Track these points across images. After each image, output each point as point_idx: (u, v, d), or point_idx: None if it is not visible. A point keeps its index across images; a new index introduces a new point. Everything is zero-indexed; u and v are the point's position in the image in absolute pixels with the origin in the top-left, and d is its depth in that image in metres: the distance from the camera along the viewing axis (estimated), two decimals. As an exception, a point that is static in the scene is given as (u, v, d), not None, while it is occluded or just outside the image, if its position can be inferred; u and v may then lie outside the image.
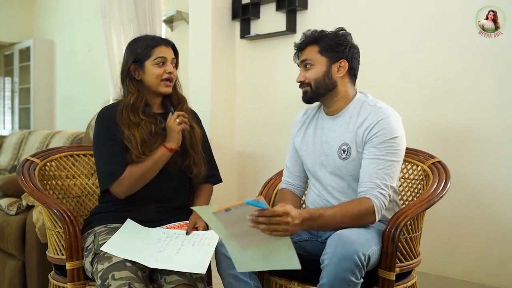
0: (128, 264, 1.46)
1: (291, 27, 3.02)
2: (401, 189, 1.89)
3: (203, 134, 1.87)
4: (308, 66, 1.63)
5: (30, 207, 2.29)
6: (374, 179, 1.50)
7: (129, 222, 1.68)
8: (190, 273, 1.52)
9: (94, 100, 3.98)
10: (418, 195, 1.83)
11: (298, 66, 1.68)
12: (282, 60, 3.09)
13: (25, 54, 6.16)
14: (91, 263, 1.55)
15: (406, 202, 1.88)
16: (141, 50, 1.71)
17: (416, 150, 1.88)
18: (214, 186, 1.91)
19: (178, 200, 1.78)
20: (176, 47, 1.80)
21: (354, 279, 1.34)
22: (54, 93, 5.93)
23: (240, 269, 1.44)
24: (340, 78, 1.62)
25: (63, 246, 1.65)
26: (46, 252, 1.80)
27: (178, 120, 1.67)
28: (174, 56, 1.77)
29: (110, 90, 3.47)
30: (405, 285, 1.61)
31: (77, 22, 5.38)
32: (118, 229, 1.63)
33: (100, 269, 1.46)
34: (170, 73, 1.72)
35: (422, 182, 1.82)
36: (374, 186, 1.49)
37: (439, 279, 2.40)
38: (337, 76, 1.62)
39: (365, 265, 1.37)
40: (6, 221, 2.36)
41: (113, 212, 1.72)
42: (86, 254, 1.60)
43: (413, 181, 1.87)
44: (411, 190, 1.87)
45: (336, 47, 1.61)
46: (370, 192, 1.49)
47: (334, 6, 2.86)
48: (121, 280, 1.40)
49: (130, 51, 1.74)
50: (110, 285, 1.40)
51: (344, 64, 1.61)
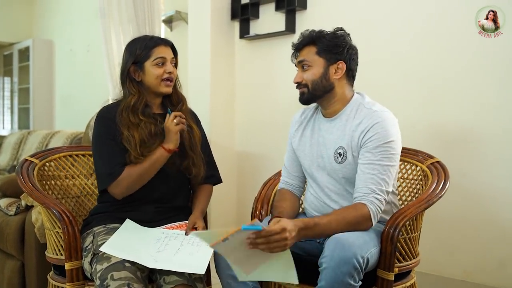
0: (127, 264, 1.45)
1: (290, 27, 3.02)
2: (400, 189, 1.89)
3: (203, 135, 1.86)
4: (305, 67, 1.61)
5: (29, 207, 2.28)
6: (369, 185, 1.49)
7: (128, 222, 1.68)
8: (189, 273, 1.52)
9: (93, 100, 3.96)
10: (417, 195, 1.83)
11: (296, 66, 1.67)
12: (281, 60, 3.08)
13: (24, 54, 6.15)
14: (90, 264, 1.54)
15: (405, 202, 1.87)
16: (140, 51, 1.70)
17: (415, 150, 1.87)
18: (214, 186, 1.90)
19: (176, 200, 1.78)
20: (175, 47, 1.79)
21: (352, 282, 1.33)
22: (54, 93, 5.93)
23: (241, 279, 1.44)
24: (337, 80, 1.60)
25: (62, 246, 1.64)
26: (45, 252, 1.80)
27: (175, 120, 1.66)
28: (173, 55, 1.76)
29: (109, 90, 3.47)
30: (404, 285, 1.60)
31: (76, 22, 5.38)
32: (117, 229, 1.63)
33: (99, 269, 1.46)
34: (170, 73, 1.72)
35: (421, 182, 1.81)
36: (369, 192, 1.48)
37: (439, 280, 2.40)
38: (334, 78, 1.59)
39: (363, 268, 1.36)
40: (5, 221, 2.35)
41: (112, 212, 1.71)
42: (85, 254, 1.60)
43: (412, 181, 1.86)
44: (410, 190, 1.87)
45: (334, 49, 1.58)
46: (365, 197, 1.48)
47: (333, 6, 2.86)
48: (120, 280, 1.40)
49: (129, 53, 1.74)
50: (109, 285, 1.40)
51: (342, 65, 1.59)
